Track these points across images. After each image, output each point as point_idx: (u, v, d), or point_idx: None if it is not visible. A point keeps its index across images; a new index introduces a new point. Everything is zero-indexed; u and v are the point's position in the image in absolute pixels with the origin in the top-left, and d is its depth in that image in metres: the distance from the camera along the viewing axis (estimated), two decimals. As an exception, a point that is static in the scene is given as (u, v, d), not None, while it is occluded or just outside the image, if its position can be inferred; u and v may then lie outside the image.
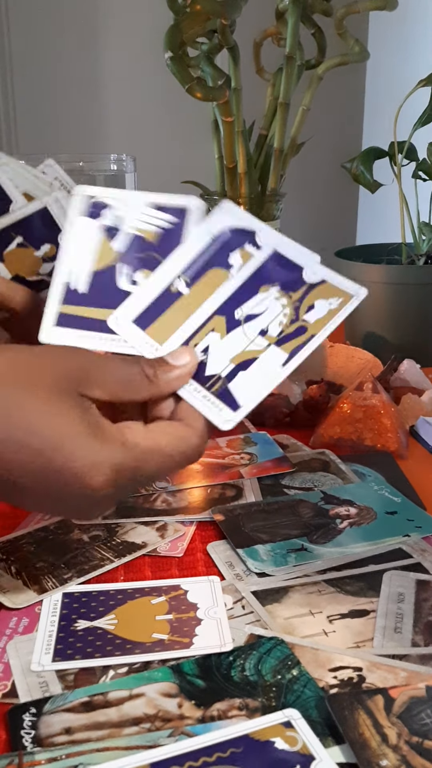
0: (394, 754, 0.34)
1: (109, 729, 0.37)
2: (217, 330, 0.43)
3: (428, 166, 0.94)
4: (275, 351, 0.42)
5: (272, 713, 0.36)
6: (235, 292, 0.43)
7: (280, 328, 0.42)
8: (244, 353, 0.42)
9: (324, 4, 0.98)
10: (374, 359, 0.84)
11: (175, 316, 0.43)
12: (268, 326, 0.42)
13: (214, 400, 0.42)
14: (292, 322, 0.42)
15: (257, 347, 0.42)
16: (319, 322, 0.42)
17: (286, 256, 0.43)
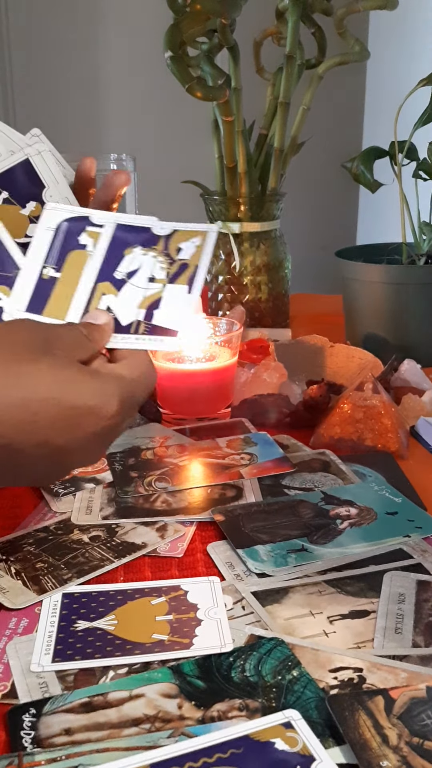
0: (394, 754, 0.34)
1: (109, 730, 0.37)
2: (108, 292, 0.48)
3: (429, 166, 0.94)
4: (173, 287, 0.48)
5: (272, 714, 0.36)
6: (104, 262, 0.49)
7: (164, 271, 0.49)
8: (146, 299, 0.48)
9: (324, 3, 0.98)
10: (374, 359, 0.84)
11: (61, 295, 0.48)
12: (153, 273, 0.49)
13: (147, 338, 0.47)
14: (171, 263, 0.49)
15: (154, 290, 0.48)
16: (194, 256, 0.49)
17: (129, 224, 0.49)
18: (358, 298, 0.96)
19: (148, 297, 0.48)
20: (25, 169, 0.51)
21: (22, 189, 0.51)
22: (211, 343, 0.76)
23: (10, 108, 1.80)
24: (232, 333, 0.76)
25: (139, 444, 0.69)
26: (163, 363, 0.74)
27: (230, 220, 1.02)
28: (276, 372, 0.78)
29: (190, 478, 0.63)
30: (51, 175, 0.52)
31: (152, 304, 0.48)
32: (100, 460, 0.62)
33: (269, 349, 0.84)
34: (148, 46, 1.30)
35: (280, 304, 1.07)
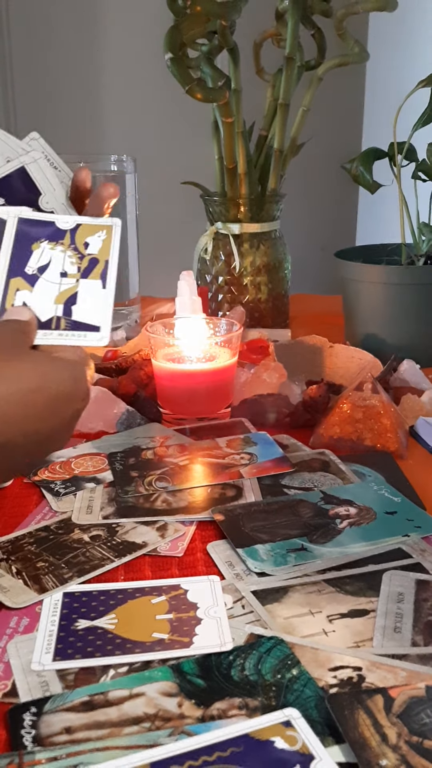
0: (393, 753, 0.34)
1: (110, 728, 0.37)
2: (22, 288, 0.49)
3: (428, 167, 0.94)
4: (87, 282, 0.49)
5: (272, 713, 0.37)
6: (12, 257, 0.49)
7: (75, 266, 0.49)
8: (62, 294, 0.49)
9: (324, 5, 0.98)
10: (374, 359, 0.84)
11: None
12: (64, 268, 0.49)
13: (70, 333, 0.48)
14: (81, 258, 0.49)
15: (69, 285, 0.49)
16: (102, 251, 0.50)
17: (32, 218, 0.50)
18: (358, 298, 0.96)
19: (63, 292, 0.49)
20: (21, 177, 0.52)
21: (18, 196, 0.52)
22: (211, 343, 0.76)
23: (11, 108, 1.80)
24: (232, 333, 0.76)
25: (140, 444, 0.70)
26: (163, 363, 0.75)
27: (230, 220, 1.02)
28: (276, 372, 0.79)
29: (190, 478, 0.63)
30: (47, 183, 0.52)
31: (69, 300, 0.49)
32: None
33: (269, 350, 0.84)
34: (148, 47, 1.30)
35: (280, 304, 1.07)
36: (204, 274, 1.07)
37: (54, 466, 0.66)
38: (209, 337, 0.78)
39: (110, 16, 1.74)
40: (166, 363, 0.75)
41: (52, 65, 1.76)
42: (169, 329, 0.78)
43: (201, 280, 1.08)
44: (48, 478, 0.63)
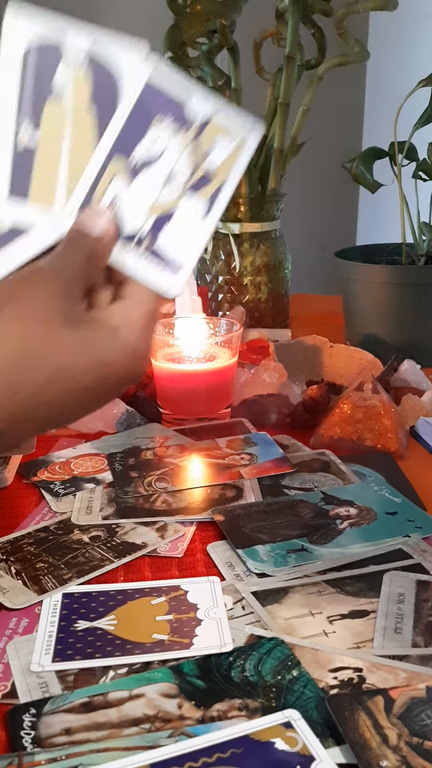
0: (394, 754, 0.34)
1: (109, 729, 0.37)
2: (119, 177, 0.39)
3: (428, 167, 0.94)
4: (191, 201, 0.40)
5: (272, 714, 0.36)
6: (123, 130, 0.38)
7: (187, 172, 0.40)
8: (159, 205, 0.40)
9: (324, 4, 0.98)
10: (374, 359, 0.84)
11: (46, 171, 0.38)
12: (174, 170, 0.39)
13: (149, 261, 0.40)
14: (197, 165, 0.40)
15: (169, 197, 0.40)
16: (226, 165, 0.40)
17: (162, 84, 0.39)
18: (358, 298, 0.96)
19: (160, 204, 0.39)
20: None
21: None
22: (211, 343, 0.76)
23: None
24: (232, 333, 0.76)
25: (139, 444, 0.70)
26: (163, 363, 0.75)
27: (230, 220, 1.02)
28: (276, 372, 0.78)
29: (190, 479, 0.63)
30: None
31: (162, 217, 0.39)
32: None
33: (269, 350, 0.84)
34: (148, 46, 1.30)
35: (280, 304, 1.07)
36: (204, 273, 1.07)
37: (53, 466, 0.66)
38: (209, 337, 0.78)
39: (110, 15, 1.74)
40: (166, 363, 0.74)
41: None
42: (168, 329, 0.78)
43: (201, 279, 1.08)
44: (47, 478, 0.63)
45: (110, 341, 0.38)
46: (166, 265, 0.40)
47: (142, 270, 0.39)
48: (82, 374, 0.38)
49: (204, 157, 0.39)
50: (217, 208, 0.40)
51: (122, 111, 0.38)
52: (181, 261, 0.40)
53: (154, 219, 0.39)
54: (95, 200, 0.39)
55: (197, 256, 0.40)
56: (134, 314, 0.39)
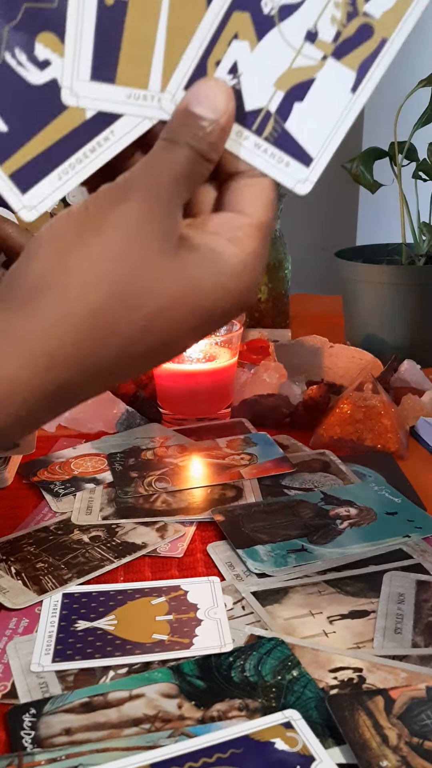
0: (394, 755, 0.34)
1: (109, 730, 0.37)
2: (242, 36, 0.29)
3: (428, 167, 0.94)
4: (336, 67, 0.30)
5: (272, 714, 0.36)
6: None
7: (334, 27, 0.30)
8: (292, 72, 0.30)
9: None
10: (374, 360, 0.84)
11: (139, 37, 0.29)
12: (317, 24, 0.29)
13: (273, 151, 0.31)
14: (350, 16, 0.29)
15: (309, 62, 0.30)
16: (389, 17, 0.29)
17: None
18: (358, 298, 0.96)
19: (295, 70, 0.30)
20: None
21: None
22: (211, 343, 0.76)
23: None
24: (232, 333, 0.76)
25: (139, 444, 0.70)
26: (163, 363, 0.74)
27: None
28: (276, 372, 0.78)
29: (190, 479, 0.63)
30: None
31: (297, 88, 0.30)
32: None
33: (269, 350, 0.84)
34: None
35: (280, 304, 1.07)
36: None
37: (53, 466, 0.66)
38: (209, 337, 0.78)
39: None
40: (166, 363, 0.74)
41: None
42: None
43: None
44: (47, 478, 0.63)
45: (216, 272, 0.31)
46: (296, 155, 0.31)
47: (262, 161, 0.31)
48: (182, 319, 0.31)
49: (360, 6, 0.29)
50: (373, 78, 0.31)
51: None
52: (316, 150, 0.31)
53: (285, 92, 0.30)
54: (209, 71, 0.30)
55: (337, 143, 0.31)
56: (245, 233, 0.31)
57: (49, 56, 0.29)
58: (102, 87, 0.30)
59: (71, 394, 0.31)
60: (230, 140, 0.31)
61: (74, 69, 0.30)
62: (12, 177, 0.31)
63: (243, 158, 0.31)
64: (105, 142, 0.31)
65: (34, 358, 0.29)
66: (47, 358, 0.29)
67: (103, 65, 0.29)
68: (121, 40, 0.29)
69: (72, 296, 0.29)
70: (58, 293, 0.29)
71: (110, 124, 0.30)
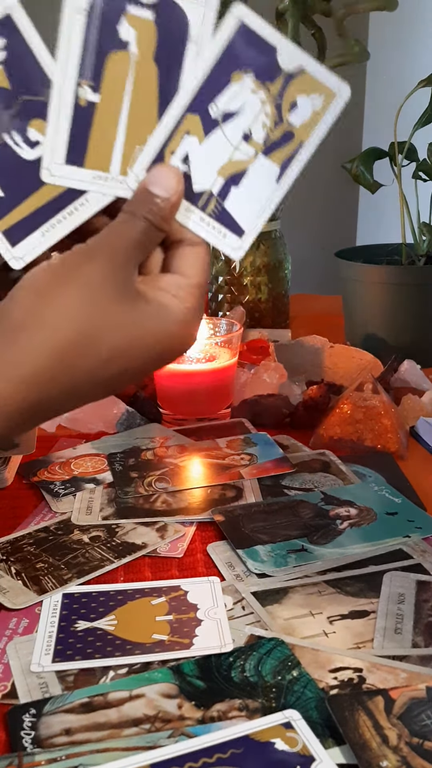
0: (394, 755, 0.34)
1: (109, 730, 0.37)
2: (193, 132, 0.37)
3: (428, 167, 0.94)
4: (265, 162, 0.38)
5: (272, 714, 0.36)
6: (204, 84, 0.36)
7: (264, 131, 0.37)
8: (231, 164, 0.38)
9: (324, 4, 0.98)
10: (374, 360, 0.84)
11: (104, 131, 0.37)
12: (251, 129, 0.37)
13: (213, 224, 0.38)
14: (276, 124, 0.37)
15: (244, 156, 0.38)
16: (306, 126, 0.38)
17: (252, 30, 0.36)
18: (358, 298, 0.96)
19: (233, 162, 0.37)
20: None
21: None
22: (211, 343, 0.76)
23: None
24: (232, 333, 0.76)
25: (139, 444, 0.70)
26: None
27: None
28: (276, 372, 0.78)
29: (190, 479, 0.63)
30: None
31: (233, 177, 0.37)
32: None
33: (269, 350, 0.84)
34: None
35: (280, 304, 1.07)
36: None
37: (53, 466, 0.66)
38: (209, 337, 0.78)
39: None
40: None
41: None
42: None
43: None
44: (47, 478, 0.63)
45: (163, 321, 0.38)
46: (232, 228, 0.38)
47: (205, 232, 0.38)
48: (136, 356, 0.38)
49: (285, 117, 0.37)
50: (291, 172, 0.38)
51: (202, 63, 0.36)
52: (248, 226, 0.38)
53: (225, 179, 0.38)
54: (165, 158, 0.37)
55: (264, 221, 0.38)
56: (186, 291, 0.38)
57: (38, 138, 0.37)
58: (73, 169, 0.37)
59: (44, 410, 0.38)
60: (180, 213, 0.38)
61: (52, 153, 0.37)
62: (4, 233, 0.38)
63: (190, 229, 0.38)
64: (81, 207, 0.38)
65: (12, 381, 0.36)
66: (24, 382, 0.36)
67: (75, 152, 0.37)
68: (90, 133, 0.37)
69: (45, 333, 0.36)
70: (34, 330, 0.36)
71: (83, 194, 0.38)
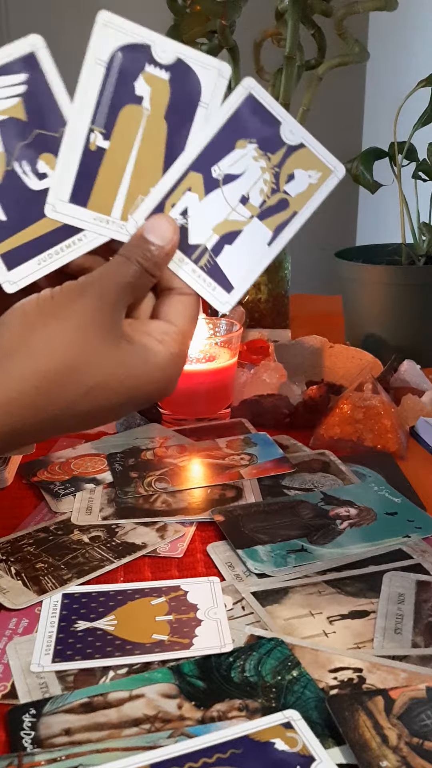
0: (394, 755, 0.34)
1: (109, 730, 0.37)
2: (194, 190, 0.39)
3: (428, 167, 0.94)
4: (259, 226, 0.40)
5: (272, 714, 0.36)
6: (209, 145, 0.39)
7: (261, 197, 0.40)
8: (227, 223, 0.40)
9: (324, 4, 0.98)
10: (374, 360, 0.84)
11: (109, 176, 0.39)
12: (249, 193, 0.40)
13: (204, 277, 0.40)
14: (273, 192, 0.40)
15: (240, 218, 0.40)
16: (301, 198, 0.40)
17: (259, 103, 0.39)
18: (358, 298, 0.96)
19: (228, 222, 0.39)
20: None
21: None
22: (211, 343, 0.76)
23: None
24: (232, 334, 0.76)
25: (139, 444, 0.69)
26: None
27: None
28: (276, 372, 0.78)
29: (189, 479, 0.63)
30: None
31: (228, 235, 0.40)
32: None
33: (269, 350, 0.84)
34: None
35: (280, 304, 1.07)
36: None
37: (53, 466, 0.66)
38: (209, 338, 0.78)
39: (110, 15, 1.74)
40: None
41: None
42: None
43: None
44: (47, 479, 0.63)
45: (145, 365, 0.39)
46: (221, 283, 0.40)
47: (195, 283, 0.40)
48: (114, 393, 0.39)
49: (282, 186, 0.40)
50: (283, 238, 0.40)
51: (210, 127, 0.39)
52: (237, 282, 0.40)
53: (220, 236, 0.40)
54: (165, 209, 0.39)
55: (253, 280, 0.41)
56: (171, 338, 0.40)
57: (47, 170, 0.39)
58: (77, 208, 0.39)
59: (20, 436, 0.39)
60: (173, 263, 0.40)
61: (58, 190, 0.39)
62: (2, 256, 0.39)
63: (181, 278, 0.40)
64: (78, 243, 0.40)
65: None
66: (3, 406, 0.37)
67: (80, 192, 0.39)
68: (96, 176, 0.39)
69: (30, 361, 0.37)
70: (20, 357, 0.37)
71: (81, 231, 0.40)
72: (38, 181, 0.39)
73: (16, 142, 0.38)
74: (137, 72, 0.38)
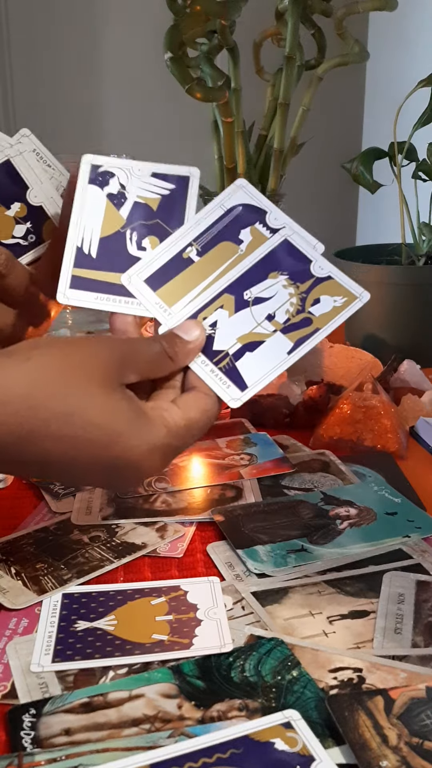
0: (394, 755, 0.34)
1: (109, 730, 0.37)
2: (225, 308, 0.45)
3: (428, 167, 0.94)
4: (281, 338, 0.45)
5: (272, 714, 0.36)
6: (245, 272, 0.46)
7: (286, 315, 0.45)
8: (251, 334, 0.45)
9: (324, 4, 0.98)
10: (374, 360, 0.84)
11: (185, 281, 0.46)
12: (275, 312, 0.45)
13: (221, 376, 0.44)
14: (298, 312, 0.45)
15: (264, 331, 0.45)
16: (324, 317, 0.45)
17: (296, 245, 0.46)
18: (358, 298, 0.96)
19: (254, 333, 0.45)
20: (7, 170, 0.50)
21: (5, 190, 0.50)
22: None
23: (10, 109, 1.80)
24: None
25: (139, 444, 0.69)
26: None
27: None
28: (276, 372, 0.78)
29: (189, 479, 0.63)
30: (34, 176, 0.50)
31: (250, 344, 0.45)
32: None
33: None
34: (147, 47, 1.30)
35: (280, 304, 1.07)
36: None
37: (53, 466, 0.66)
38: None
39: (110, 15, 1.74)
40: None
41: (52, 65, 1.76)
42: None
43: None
44: (47, 478, 0.63)
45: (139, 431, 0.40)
46: (237, 383, 0.44)
47: (211, 380, 0.44)
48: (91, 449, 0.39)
49: (307, 308, 0.45)
50: (303, 349, 0.45)
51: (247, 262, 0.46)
52: (251, 383, 0.45)
53: (242, 344, 0.45)
54: (198, 319, 0.45)
55: (268, 382, 0.45)
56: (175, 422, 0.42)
57: (147, 247, 0.47)
58: (147, 290, 0.46)
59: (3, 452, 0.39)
60: (196, 365, 0.45)
61: (141, 270, 0.46)
62: (73, 276, 0.47)
63: (200, 377, 0.44)
64: (129, 304, 0.46)
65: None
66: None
67: (156, 280, 0.46)
68: (176, 275, 0.46)
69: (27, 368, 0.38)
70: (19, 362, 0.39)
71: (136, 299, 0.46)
72: (136, 250, 0.47)
73: (138, 219, 0.47)
74: (248, 224, 0.46)
